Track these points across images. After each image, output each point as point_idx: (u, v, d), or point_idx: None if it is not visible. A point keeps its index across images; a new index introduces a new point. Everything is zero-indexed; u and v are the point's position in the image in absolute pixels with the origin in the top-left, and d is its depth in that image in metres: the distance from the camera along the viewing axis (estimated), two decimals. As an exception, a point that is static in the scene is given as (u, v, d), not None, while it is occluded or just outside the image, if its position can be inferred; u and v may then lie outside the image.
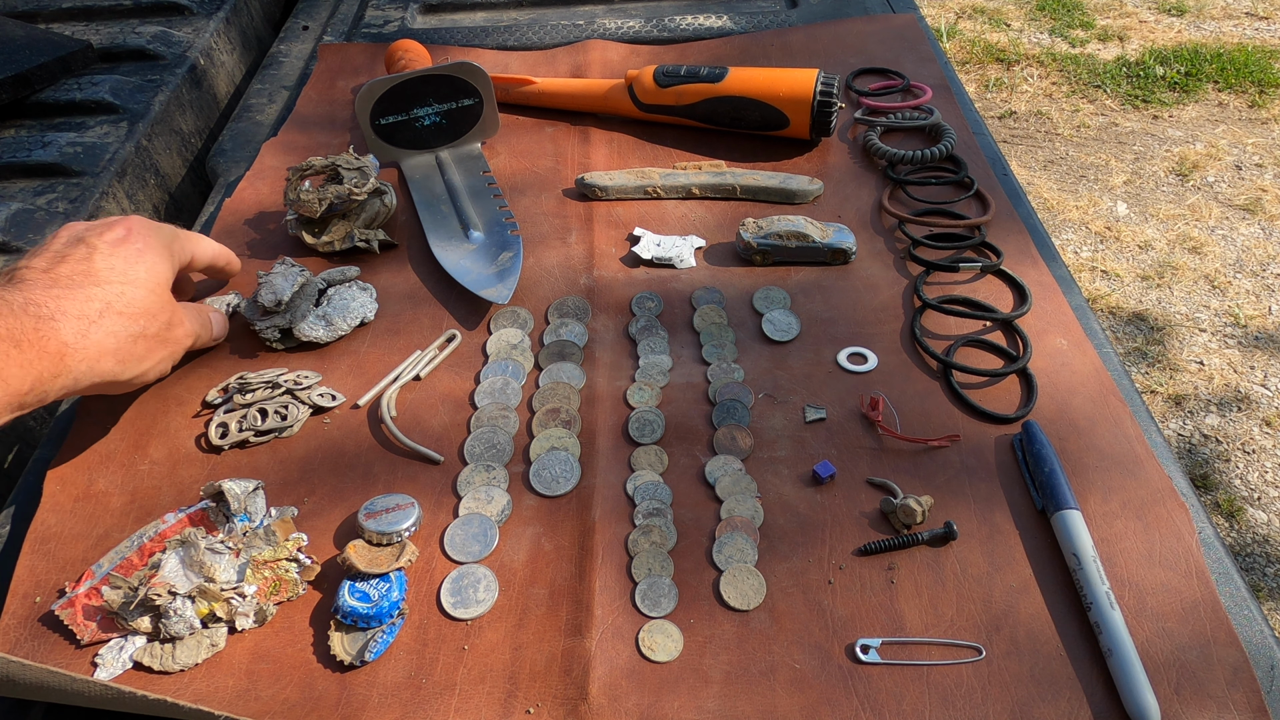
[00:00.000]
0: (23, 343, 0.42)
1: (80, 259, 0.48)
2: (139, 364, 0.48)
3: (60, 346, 0.43)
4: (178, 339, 0.52)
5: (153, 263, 0.50)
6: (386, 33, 0.97)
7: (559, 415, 0.55)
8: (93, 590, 0.46)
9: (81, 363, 0.44)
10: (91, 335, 0.45)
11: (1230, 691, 0.41)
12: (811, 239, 0.64)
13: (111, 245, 0.49)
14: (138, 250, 0.50)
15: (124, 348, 0.47)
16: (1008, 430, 0.54)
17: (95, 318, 0.45)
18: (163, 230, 0.52)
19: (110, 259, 0.48)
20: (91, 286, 0.46)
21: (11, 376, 0.41)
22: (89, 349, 0.45)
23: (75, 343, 0.44)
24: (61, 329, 0.44)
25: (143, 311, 0.48)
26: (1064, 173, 2.21)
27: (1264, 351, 1.72)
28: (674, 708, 0.42)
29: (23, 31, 0.85)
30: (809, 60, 0.87)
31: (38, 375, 0.42)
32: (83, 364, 0.44)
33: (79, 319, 0.45)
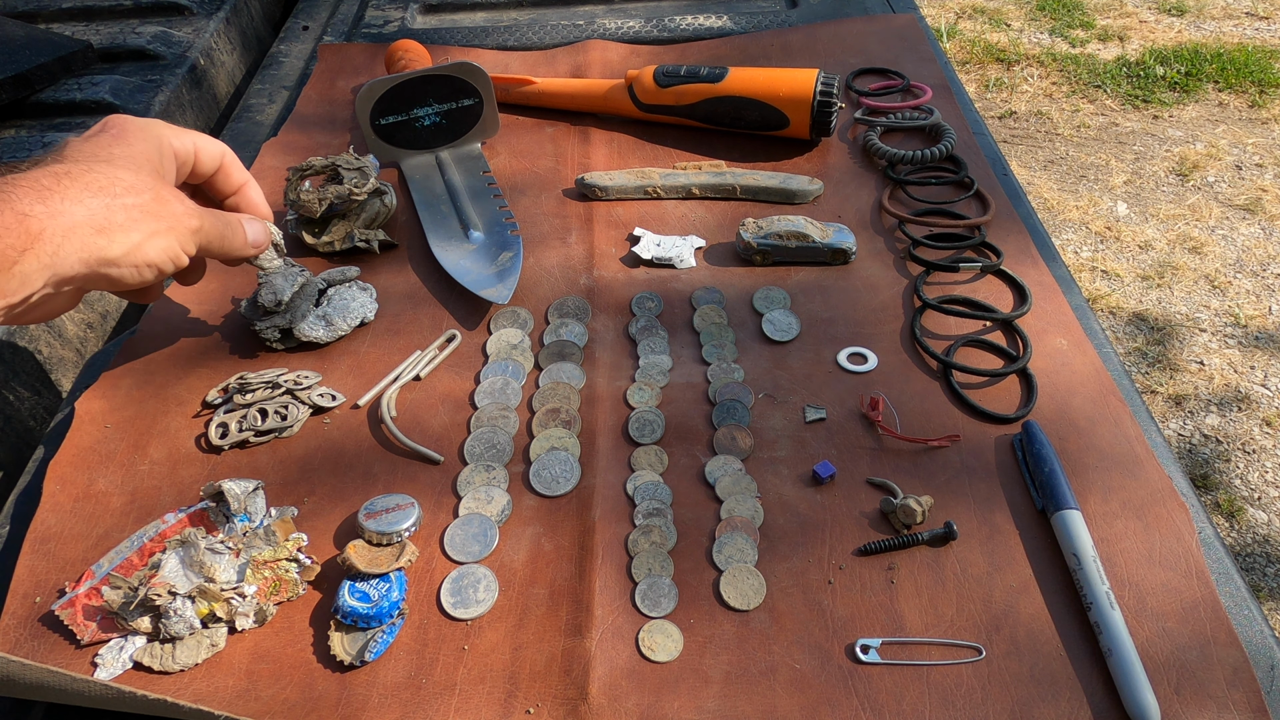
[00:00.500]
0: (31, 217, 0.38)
1: (53, 153, 0.45)
2: (124, 234, 0.43)
3: (17, 217, 0.39)
4: (174, 215, 0.46)
5: (130, 141, 0.46)
6: (386, 33, 0.97)
7: (559, 415, 0.55)
8: (93, 590, 0.46)
9: (52, 236, 0.40)
10: (52, 203, 0.41)
11: (1230, 691, 0.41)
12: (811, 239, 0.64)
13: (84, 138, 0.46)
14: (113, 135, 0.46)
15: (99, 215, 0.42)
16: (1008, 430, 0.54)
17: (53, 186, 0.41)
18: (147, 121, 0.49)
19: (80, 146, 0.45)
20: (53, 164, 0.43)
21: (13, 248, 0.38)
22: (54, 216, 0.40)
23: (34, 211, 0.40)
24: (17, 200, 0.40)
25: (114, 182, 0.44)
26: (1064, 173, 2.21)
27: (1264, 351, 1.72)
28: (674, 708, 0.42)
29: (23, 31, 0.85)
30: (809, 60, 0.87)
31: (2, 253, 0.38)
32: (54, 236, 0.40)
33: (32, 189, 0.41)
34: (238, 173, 0.54)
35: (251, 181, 0.55)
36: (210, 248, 0.50)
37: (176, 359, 0.60)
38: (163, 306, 0.64)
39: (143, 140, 0.47)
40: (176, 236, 0.47)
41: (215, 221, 0.50)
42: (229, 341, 0.61)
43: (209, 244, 0.50)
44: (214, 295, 0.65)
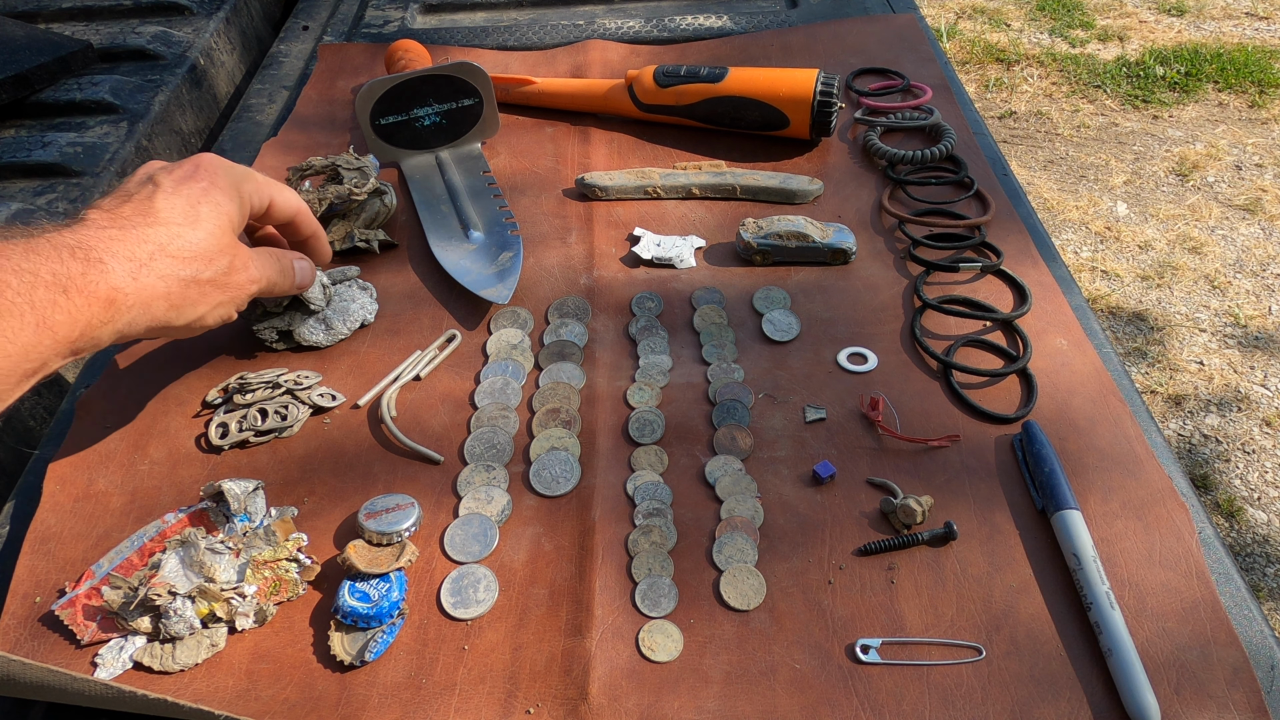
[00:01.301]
0: (70, 289, 0.40)
1: (143, 198, 0.46)
2: (193, 309, 0.46)
3: (110, 291, 0.41)
4: (239, 284, 0.49)
5: (217, 202, 0.48)
6: (386, 33, 0.97)
7: (559, 415, 0.55)
8: (93, 590, 0.46)
9: (132, 308, 0.43)
10: (142, 279, 0.43)
11: (1230, 691, 0.41)
12: (811, 239, 0.64)
13: (176, 183, 0.47)
14: (202, 189, 0.48)
15: (176, 292, 0.45)
16: (1008, 430, 0.54)
17: (146, 260, 0.43)
18: (234, 170, 0.51)
19: (171, 198, 0.46)
20: (147, 228, 0.45)
21: (59, 324, 0.39)
22: (140, 293, 0.43)
23: (125, 286, 0.42)
24: (111, 273, 0.42)
25: (198, 255, 0.46)
26: (1064, 173, 2.21)
27: (1264, 351, 1.72)
28: (674, 708, 0.42)
29: (23, 31, 0.85)
30: (809, 60, 0.87)
31: (87, 322, 0.41)
32: (134, 309, 0.43)
33: (129, 261, 0.43)
34: (306, 226, 0.56)
35: (319, 233, 0.58)
36: (264, 294, 0.53)
37: (176, 359, 0.60)
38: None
39: (227, 198, 0.49)
40: (235, 305, 0.50)
41: (271, 275, 0.52)
42: (229, 341, 0.61)
43: (264, 293, 0.52)
44: (214, 295, 0.65)
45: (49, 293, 0.39)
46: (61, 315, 0.39)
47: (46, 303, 0.39)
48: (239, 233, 0.50)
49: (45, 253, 0.40)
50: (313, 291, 0.59)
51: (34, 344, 0.38)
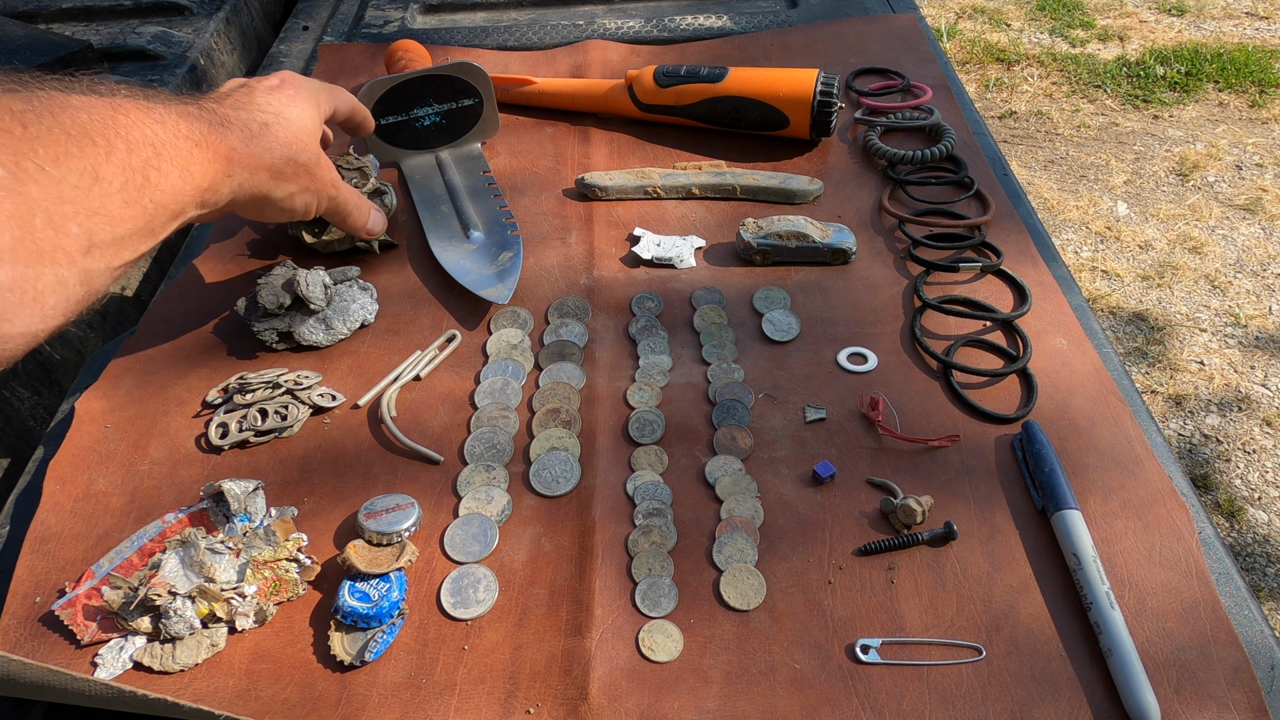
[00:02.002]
0: (202, 144, 0.45)
1: (244, 94, 0.53)
2: (287, 184, 0.52)
3: (229, 150, 0.47)
4: (324, 180, 0.56)
5: (304, 107, 0.55)
6: (386, 33, 0.97)
7: (559, 415, 0.55)
8: (93, 590, 0.46)
9: (244, 169, 0.48)
10: (253, 146, 0.49)
11: (1230, 691, 0.41)
12: (811, 239, 0.64)
13: (269, 89, 0.54)
14: (290, 95, 0.55)
15: (278, 165, 0.51)
16: (1008, 430, 0.54)
17: (257, 131, 0.50)
18: (312, 83, 0.58)
19: (268, 96, 0.54)
20: (254, 110, 0.52)
21: (196, 173, 0.44)
22: (251, 158, 0.49)
23: (241, 149, 0.48)
24: (230, 135, 0.48)
25: (293, 139, 0.53)
26: (1064, 173, 2.21)
27: (1264, 351, 1.72)
28: (674, 708, 0.42)
29: (23, 31, 0.85)
30: (809, 60, 0.87)
31: (214, 174, 0.46)
32: (245, 170, 0.48)
33: (244, 129, 0.49)
34: (358, 113, 0.65)
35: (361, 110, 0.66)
36: (334, 216, 0.59)
37: (176, 359, 0.60)
38: (162, 306, 0.64)
39: (311, 103, 0.56)
40: (317, 198, 0.56)
41: (349, 199, 0.59)
42: (229, 341, 0.61)
43: (335, 212, 0.59)
44: (214, 295, 0.65)
45: (188, 144, 0.44)
46: (197, 165, 0.45)
47: (186, 153, 0.44)
48: (319, 137, 0.56)
49: (180, 113, 0.45)
50: (313, 291, 0.59)
51: (180, 188, 0.43)
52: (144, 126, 0.42)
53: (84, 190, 0.38)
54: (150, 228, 0.42)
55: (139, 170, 0.41)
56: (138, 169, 0.41)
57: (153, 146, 0.42)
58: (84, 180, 0.38)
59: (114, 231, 0.39)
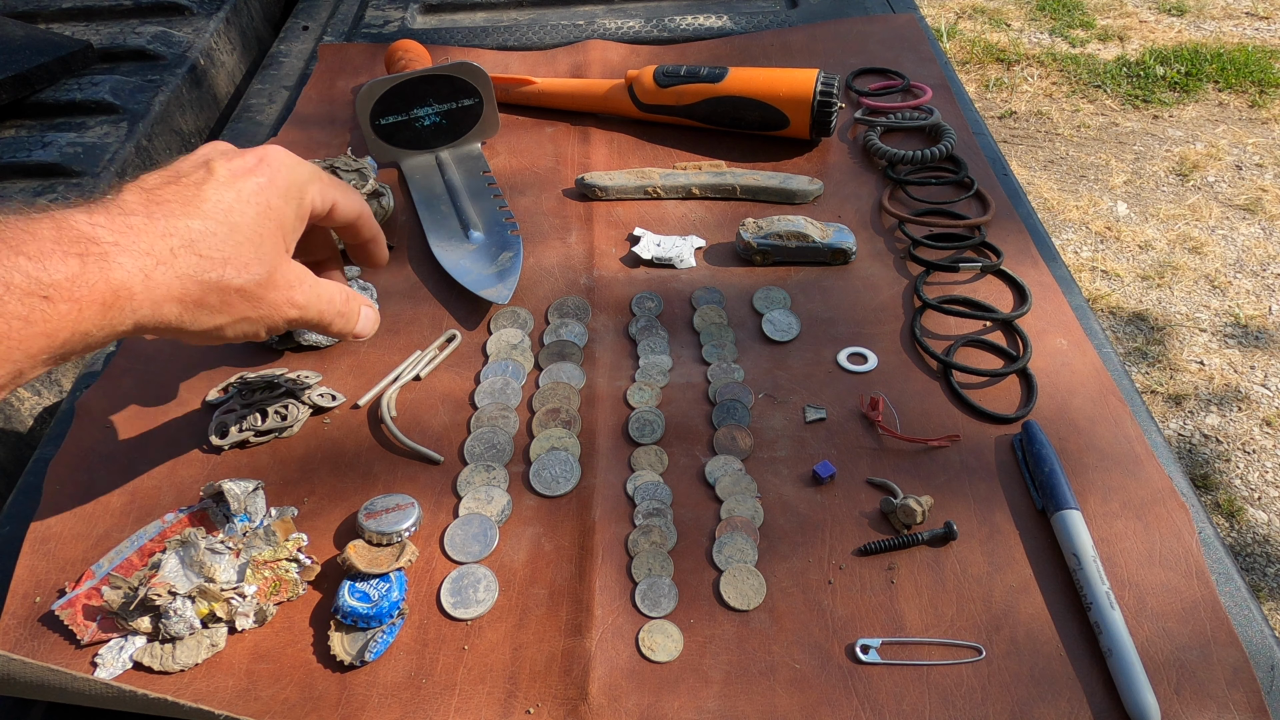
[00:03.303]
0: (55, 296, 0.34)
1: (193, 183, 0.41)
2: (211, 317, 0.41)
3: (109, 293, 0.36)
4: (274, 303, 0.43)
5: (269, 204, 0.43)
6: (386, 33, 0.97)
7: (559, 415, 0.55)
8: (93, 590, 0.46)
9: (139, 308, 0.37)
10: (156, 276, 0.38)
11: (1230, 691, 0.41)
12: (811, 239, 0.64)
13: (231, 174, 0.42)
14: (257, 185, 0.43)
15: (193, 294, 0.39)
16: (1008, 430, 0.54)
17: (166, 257, 0.38)
18: (299, 169, 0.45)
19: (221, 190, 0.41)
20: (183, 218, 0.39)
21: (30, 338, 0.34)
22: (150, 292, 0.38)
23: (133, 285, 0.37)
24: (116, 270, 0.36)
25: (231, 258, 0.40)
26: (1064, 173, 2.21)
27: (1264, 351, 1.72)
28: (674, 708, 0.42)
29: (23, 31, 0.85)
30: (809, 60, 0.87)
31: (71, 330, 0.35)
32: (140, 309, 0.38)
33: (146, 256, 0.37)
34: (367, 229, 0.52)
35: (379, 236, 0.53)
36: (309, 326, 0.47)
37: (176, 359, 0.60)
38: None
39: (284, 201, 0.44)
40: (264, 325, 0.44)
41: (323, 309, 0.46)
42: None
43: (308, 325, 0.46)
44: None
45: (23, 305, 0.34)
46: (35, 329, 0.34)
47: (16, 316, 0.33)
48: (291, 241, 0.45)
49: (32, 250, 0.34)
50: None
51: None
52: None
53: None
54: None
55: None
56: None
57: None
58: None
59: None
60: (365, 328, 0.50)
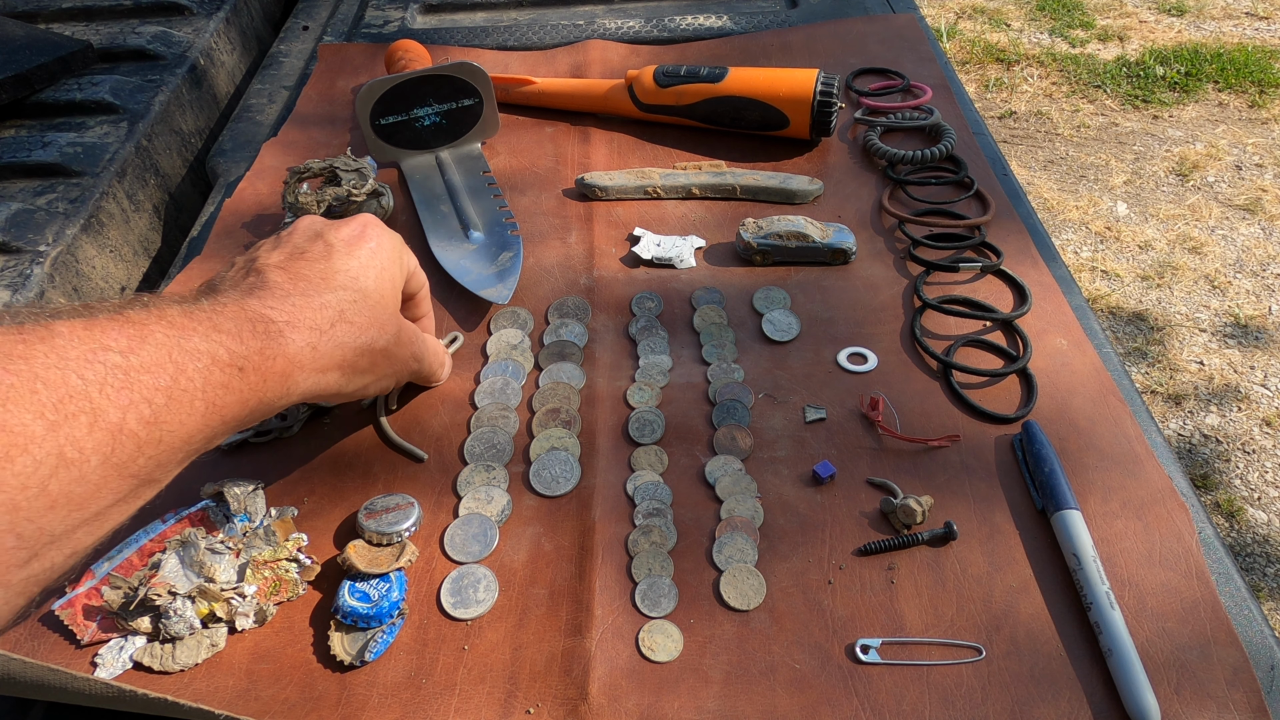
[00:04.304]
0: (247, 368, 0.37)
1: (319, 256, 0.44)
2: (361, 379, 0.44)
3: (286, 365, 0.39)
4: (403, 358, 0.47)
5: (384, 266, 0.46)
6: (386, 33, 0.97)
7: (559, 415, 0.55)
8: (93, 590, 0.46)
9: (307, 378, 0.40)
10: (321, 348, 0.41)
11: (1230, 691, 0.41)
12: (811, 239, 0.64)
13: (348, 243, 0.46)
14: (371, 250, 0.46)
15: (350, 360, 0.43)
16: (1008, 430, 0.54)
17: (327, 328, 0.41)
18: (393, 235, 0.49)
19: (347, 260, 0.45)
20: (327, 292, 0.43)
21: (229, 406, 0.36)
22: (316, 363, 0.41)
23: (303, 358, 0.40)
24: (291, 344, 0.39)
25: (372, 322, 0.44)
26: (1064, 173, 2.21)
27: (1264, 351, 1.72)
28: (674, 708, 0.42)
29: (23, 31, 0.85)
30: (809, 60, 0.87)
31: (259, 400, 0.38)
32: (308, 380, 0.40)
33: (311, 330, 0.40)
34: (424, 305, 0.55)
35: (429, 314, 0.56)
36: (418, 377, 0.52)
37: (176, 359, 0.60)
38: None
39: (394, 261, 0.47)
40: (394, 379, 0.48)
41: (430, 359, 0.51)
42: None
43: (418, 376, 0.51)
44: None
45: (225, 375, 0.36)
46: (233, 397, 0.36)
47: (220, 385, 0.36)
48: (399, 303, 0.48)
49: (227, 328, 0.37)
50: None
51: (200, 428, 0.35)
52: (152, 372, 0.33)
53: (32, 489, 0.28)
54: (148, 482, 0.34)
55: (131, 433, 0.32)
56: (131, 431, 0.32)
57: (165, 393, 0.33)
58: (39, 472, 0.28)
59: (81, 514, 0.30)
60: (447, 373, 0.56)
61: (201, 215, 0.76)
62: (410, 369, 0.48)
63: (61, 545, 0.30)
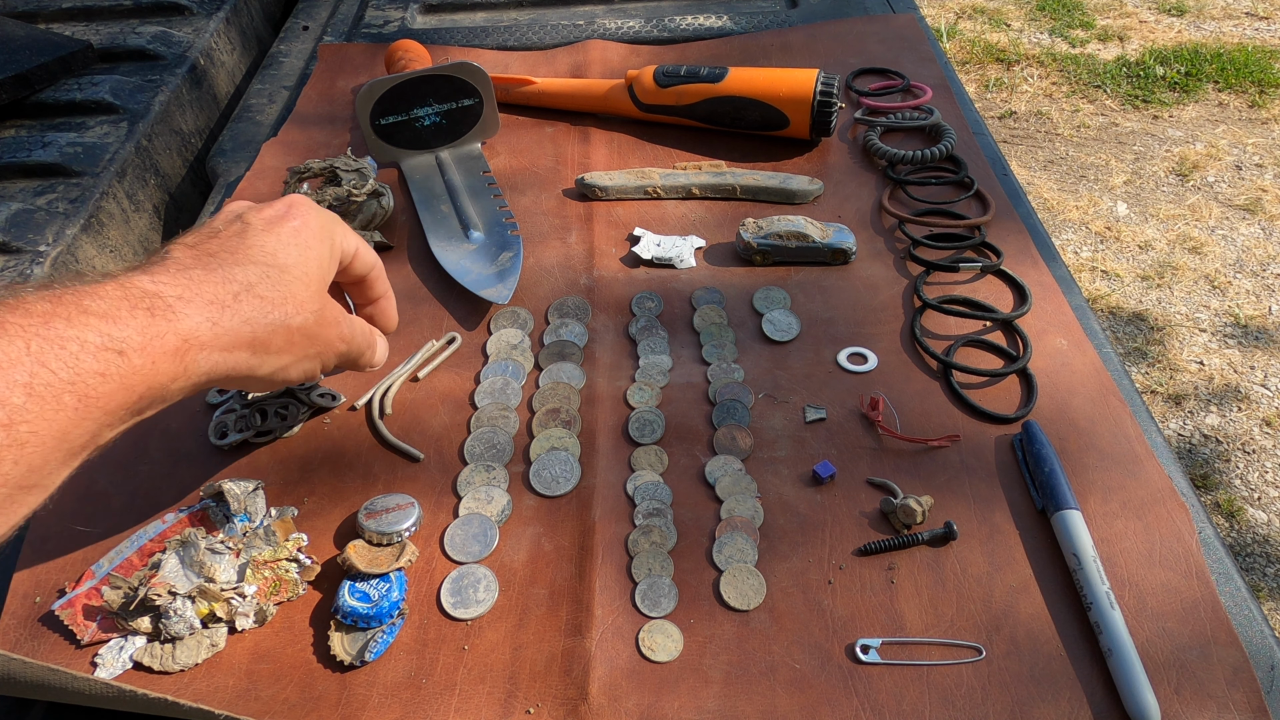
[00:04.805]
0: (127, 350, 0.34)
1: (233, 235, 0.42)
2: (277, 359, 0.42)
3: (180, 342, 0.36)
4: (328, 340, 0.45)
5: (308, 244, 0.44)
6: (386, 33, 0.97)
7: (559, 415, 0.55)
8: (93, 590, 0.46)
9: (210, 356, 0.38)
10: (224, 322, 0.38)
11: (1230, 691, 0.41)
12: (811, 239, 0.64)
13: (267, 222, 0.43)
14: (294, 229, 0.44)
15: (261, 337, 0.40)
16: (1008, 430, 0.54)
17: (230, 302, 0.39)
18: (326, 214, 0.47)
19: (263, 236, 0.42)
20: (234, 267, 0.40)
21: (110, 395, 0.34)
22: (220, 339, 0.38)
23: (201, 333, 0.37)
24: (184, 320, 0.37)
25: (288, 297, 0.42)
26: (1064, 173, 2.21)
27: (1264, 351, 1.72)
28: (674, 708, 0.42)
29: (23, 31, 0.85)
30: (809, 60, 0.87)
31: (148, 384, 0.36)
32: (211, 356, 0.38)
33: (211, 304, 0.38)
34: (379, 285, 0.52)
35: (389, 294, 0.53)
36: (347, 360, 0.49)
37: (176, 359, 0.60)
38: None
39: (320, 240, 0.45)
40: (321, 360, 0.45)
41: (359, 342, 0.48)
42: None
43: (346, 358, 0.48)
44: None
45: (98, 361, 0.33)
46: (113, 385, 0.34)
47: (94, 373, 0.33)
48: (328, 281, 0.45)
49: (98, 310, 0.34)
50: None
51: (75, 423, 0.33)
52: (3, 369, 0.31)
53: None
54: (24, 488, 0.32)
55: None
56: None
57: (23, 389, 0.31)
58: None
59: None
60: (382, 357, 0.51)
61: (201, 215, 0.76)
62: (337, 350, 0.46)
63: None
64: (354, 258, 0.49)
